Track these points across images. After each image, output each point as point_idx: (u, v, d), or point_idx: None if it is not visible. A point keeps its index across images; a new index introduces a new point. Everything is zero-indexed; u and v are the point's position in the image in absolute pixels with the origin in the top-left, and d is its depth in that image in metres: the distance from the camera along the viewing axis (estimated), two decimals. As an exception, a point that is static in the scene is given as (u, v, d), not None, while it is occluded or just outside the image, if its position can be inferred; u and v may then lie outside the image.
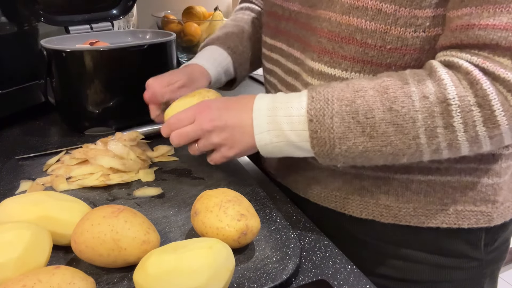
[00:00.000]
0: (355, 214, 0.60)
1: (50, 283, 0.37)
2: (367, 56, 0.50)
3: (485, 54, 0.43)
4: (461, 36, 0.44)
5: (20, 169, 0.67)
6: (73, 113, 0.84)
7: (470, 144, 0.45)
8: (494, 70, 0.42)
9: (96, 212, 0.45)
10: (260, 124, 0.51)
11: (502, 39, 0.41)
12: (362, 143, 0.47)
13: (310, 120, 0.48)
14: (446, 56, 0.46)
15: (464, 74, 0.44)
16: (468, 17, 0.43)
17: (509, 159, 0.56)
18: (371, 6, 0.48)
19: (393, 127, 0.46)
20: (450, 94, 0.43)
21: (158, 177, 0.66)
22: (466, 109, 0.43)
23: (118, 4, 0.94)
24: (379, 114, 0.46)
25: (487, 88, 0.42)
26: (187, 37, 1.30)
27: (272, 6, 0.64)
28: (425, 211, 0.57)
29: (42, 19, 0.86)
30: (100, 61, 0.78)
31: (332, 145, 0.48)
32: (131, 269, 0.44)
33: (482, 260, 0.60)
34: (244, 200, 0.50)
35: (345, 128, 0.47)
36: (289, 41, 0.62)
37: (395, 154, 0.47)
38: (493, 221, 0.57)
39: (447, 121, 0.44)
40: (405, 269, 0.61)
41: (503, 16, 0.41)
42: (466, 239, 0.59)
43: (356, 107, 0.46)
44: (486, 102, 0.42)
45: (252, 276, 0.45)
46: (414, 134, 0.45)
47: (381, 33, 0.48)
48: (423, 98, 0.44)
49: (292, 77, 0.62)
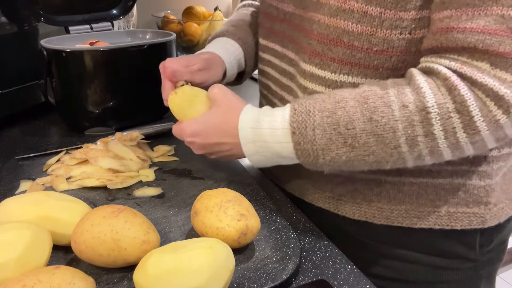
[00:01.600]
0: (348, 215, 0.60)
1: (50, 283, 0.37)
2: (355, 58, 0.51)
3: (463, 59, 0.43)
4: (441, 39, 0.44)
5: (20, 169, 0.67)
6: (73, 113, 0.84)
7: (452, 150, 0.45)
8: (472, 75, 0.42)
9: (96, 212, 0.45)
10: (246, 135, 0.53)
11: (479, 42, 0.41)
12: (345, 154, 0.47)
13: (293, 133, 0.49)
14: (426, 62, 0.46)
15: (443, 80, 0.44)
16: (448, 19, 0.43)
17: (501, 160, 0.56)
18: (357, 8, 0.48)
19: (374, 138, 0.46)
20: (429, 102, 0.43)
21: (158, 177, 0.66)
22: (445, 116, 0.43)
23: (118, 4, 0.94)
24: (360, 124, 0.46)
25: (464, 94, 0.42)
26: (187, 37, 1.30)
27: (267, 7, 0.65)
28: (417, 213, 0.57)
29: (42, 19, 0.86)
30: (100, 61, 0.78)
31: (316, 156, 0.49)
32: (131, 269, 0.44)
33: (477, 261, 0.60)
34: (244, 200, 0.50)
35: (327, 140, 0.47)
36: (284, 42, 0.62)
37: (378, 162, 0.48)
38: (486, 223, 0.57)
39: (427, 129, 0.44)
40: (401, 269, 0.61)
41: (481, 19, 0.41)
42: (461, 240, 0.59)
43: (337, 118, 0.47)
44: (464, 108, 0.42)
45: (252, 276, 0.45)
46: (395, 143, 0.45)
47: (367, 35, 0.49)
48: (403, 107, 0.44)
49: (287, 78, 0.62)
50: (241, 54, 0.74)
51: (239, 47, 0.73)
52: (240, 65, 0.75)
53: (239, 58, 0.74)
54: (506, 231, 0.63)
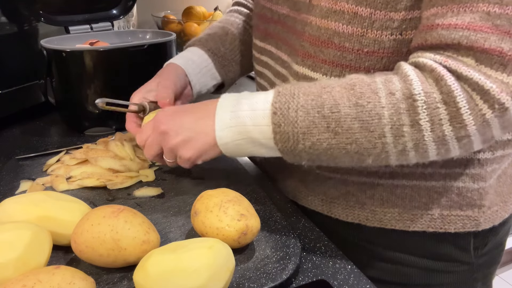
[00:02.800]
0: (341, 218, 0.60)
1: (50, 283, 0.37)
2: (346, 60, 0.50)
3: (449, 54, 0.43)
4: (426, 36, 0.44)
5: (20, 169, 0.67)
6: (73, 113, 0.84)
7: (437, 146, 0.44)
8: (457, 68, 0.41)
9: (96, 212, 0.45)
10: (223, 119, 0.49)
11: (463, 38, 0.41)
12: (327, 140, 0.46)
13: (274, 113, 0.47)
14: (413, 58, 0.46)
15: (429, 72, 0.43)
16: (433, 17, 0.43)
17: (494, 163, 0.55)
18: (348, 9, 0.48)
19: (359, 123, 0.44)
20: (415, 89, 0.43)
21: (158, 177, 0.66)
22: (432, 105, 0.42)
23: (118, 4, 0.94)
24: (345, 109, 0.45)
25: (451, 84, 0.41)
26: (187, 37, 1.30)
27: (262, 8, 0.64)
28: (410, 216, 0.56)
29: (42, 19, 0.86)
30: (100, 61, 0.78)
31: (295, 141, 0.46)
32: (131, 269, 0.44)
33: (472, 264, 0.60)
34: (244, 200, 0.50)
35: (310, 123, 0.46)
36: (278, 44, 0.62)
37: (360, 153, 0.46)
38: (480, 226, 0.57)
39: (413, 118, 0.43)
40: (394, 272, 0.61)
41: (466, 16, 0.41)
42: (454, 243, 0.58)
43: (322, 101, 0.45)
44: (451, 99, 0.42)
45: (252, 276, 0.45)
46: (379, 132, 0.44)
47: (358, 36, 0.48)
48: (389, 94, 0.44)
49: (280, 80, 0.62)
50: (211, 65, 0.73)
51: (208, 58, 0.73)
52: (215, 76, 0.74)
53: (210, 70, 0.73)
54: (502, 234, 0.62)
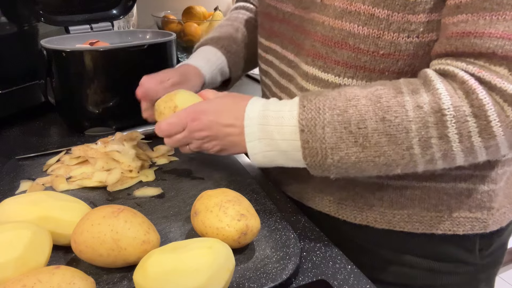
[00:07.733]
0: (349, 220, 0.60)
1: (50, 283, 0.37)
2: (360, 61, 0.50)
3: (481, 63, 0.42)
4: (457, 44, 0.43)
5: (20, 169, 0.67)
6: (73, 113, 0.84)
7: (465, 155, 0.44)
8: (491, 80, 0.41)
9: (96, 212, 0.45)
10: (252, 132, 0.50)
11: (498, 47, 0.40)
12: (355, 154, 0.46)
13: (302, 130, 0.47)
14: (441, 65, 0.45)
15: (460, 83, 0.43)
16: (464, 24, 0.42)
17: (505, 165, 0.55)
18: (364, 10, 0.47)
19: (386, 138, 0.44)
20: (445, 104, 0.42)
21: (158, 177, 0.66)
22: (462, 119, 0.42)
23: (118, 4, 0.94)
24: (372, 124, 0.45)
25: (483, 98, 0.41)
26: (187, 37, 1.30)
27: (266, 6, 0.64)
28: (420, 218, 0.56)
29: (42, 19, 0.86)
30: (100, 61, 0.78)
31: (324, 156, 0.47)
32: (131, 269, 0.44)
33: (477, 265, 0.60)
34: (244, 200, 0.50)
35: (337, 139, 0.46)
36: (283, 43, 0.61)
37: (388, 165, 0.46)
38: (488, 228, 0.56)
39: (441, 132, 0.43)
40: (400, 273, 0.61)
41: (499, 24, 0.40)
42: (460, 244, 0.58)
43: (348, 116, 0.45)
44: (482, 112, 0.41)
45: (252, 276, 0.45)
46: (407, 144, 0.44)
47: (374, 38, 0.48)
48: (417, 107, 0.43)
49: (286, 79, 0.61)
50: (224, 62, 0.74)
51: (221, 55, 0.73)
52: (224, 73, 0.75)
53: (222, 67, 0.74)
54: (506, 235, 0.62)
